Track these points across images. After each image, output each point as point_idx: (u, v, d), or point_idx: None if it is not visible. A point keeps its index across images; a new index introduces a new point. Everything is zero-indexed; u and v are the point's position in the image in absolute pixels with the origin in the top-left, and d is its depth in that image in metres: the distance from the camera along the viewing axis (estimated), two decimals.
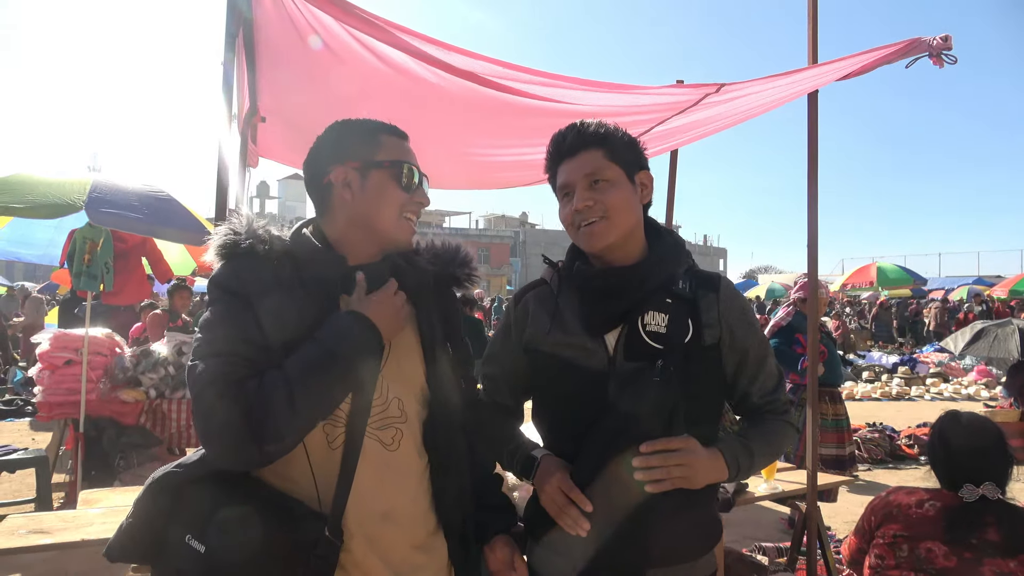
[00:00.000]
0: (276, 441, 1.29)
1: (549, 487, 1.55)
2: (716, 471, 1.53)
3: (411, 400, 1.51)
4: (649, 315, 1.57)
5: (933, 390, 12.34)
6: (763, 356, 1.67)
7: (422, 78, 2.73)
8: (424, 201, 1.57)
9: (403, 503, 1.47)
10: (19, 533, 2.78)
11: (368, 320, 1.40)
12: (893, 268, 20.54)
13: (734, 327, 1.61)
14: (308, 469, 1.39)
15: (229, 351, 1.32)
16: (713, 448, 1.53)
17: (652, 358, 1.53)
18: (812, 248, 3.36)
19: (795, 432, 1.73)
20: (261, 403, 1.27)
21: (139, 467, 5.34)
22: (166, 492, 1.40)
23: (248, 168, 3.87)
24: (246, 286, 1.38)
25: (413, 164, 1.55)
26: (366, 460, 1.41)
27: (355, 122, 1.58)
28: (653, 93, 2.97)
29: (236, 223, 1.46)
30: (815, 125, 3.26)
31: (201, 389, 1.29)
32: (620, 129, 1.67)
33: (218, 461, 1.34)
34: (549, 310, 1.66)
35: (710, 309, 1.60)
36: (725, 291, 1.63)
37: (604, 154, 1.60)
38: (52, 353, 5.30)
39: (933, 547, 2.15)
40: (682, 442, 1.48)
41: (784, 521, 5.28)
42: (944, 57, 2.71)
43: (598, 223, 1.58)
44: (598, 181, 1.59)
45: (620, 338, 1.58)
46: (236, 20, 2.56)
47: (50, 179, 5.05)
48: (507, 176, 4.26)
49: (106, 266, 5.38)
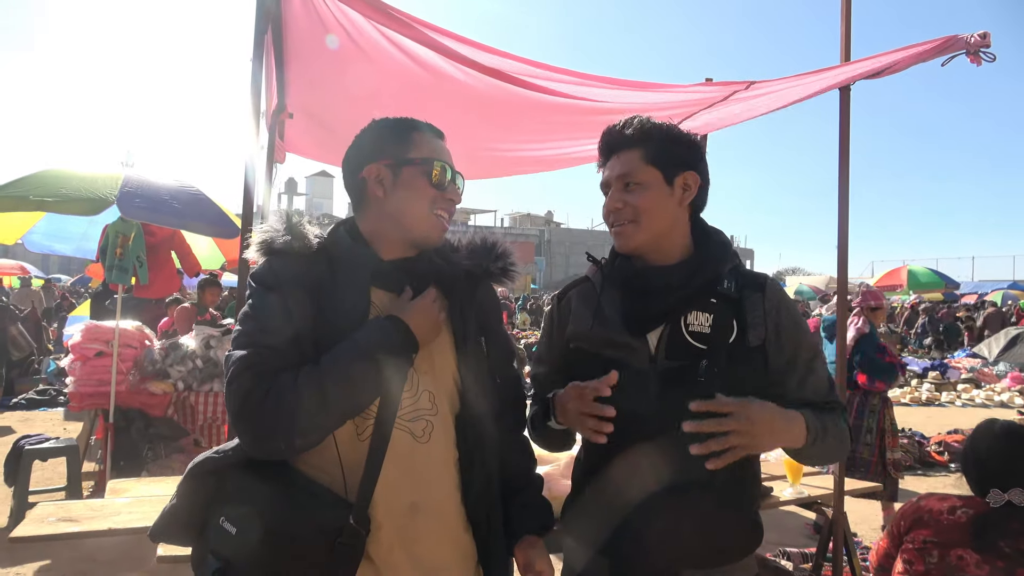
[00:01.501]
0: (304, 436, 1.34)
1: (564, 397, 1.58)
2: (790, 433, 1.46)
3: (442, 394, 1.52)
4: (692, 315, 1.56)
5: (964, 396, 12.09)
6: (812, 357, 1.61)
7: (447, 74, 2.74)
8: (455, 198, 1.58)
9: (433, 495, 1.48)
10: (48, 521, 2.84)
11: (405, 326, 1.43)
12: (924, 271, 20.11)
13: (780, 327, 1.57)
14: (336, 459, 1.41)
15: (262, 343, 1.37)
16: (792, 411, 1.47)
17: (695, 358, 1.52)
18: (842, 247, 3.30)
19: (848, 439, 1.64)
20: (294, 398, 1.31)
21: (166, 458, 5.43)
22: (204, 476, 1.45)
23: (275, 164, 3.91)
24: (281, 281, 1.44)
25: (445, 162, 1.56)
26: (395, 452, 1.43)
27: (391, 120, 1.61)
28: (681, 91, 2.94)
29: (276, 221, 1.51)
30: (847, 122, 3.19)
31: (234, 378, 1.34)
32: (669, 127, 1.64)
33: (248, 449, 1.39)
34: (592, 307, 1.66)
35: (755, 309, 1.56)
36: (771, 291, 1.60)
37: (641, 155, 1.59)
38: (84, 344, 5.40)
39: (964, 555, 2.12)
40: (737, 405, 1.38)
41: (810, 527, 5.20)
42: (982, 55, 2.64)
43: (627, 226, 1.59)
44: (631, 184, 1.59)
45: (662, 337, 1.56)
46: (265, 17, 2.59)
47: (83, 173, 5.15)
48: (529, 168, 4.28)
49: (138, 260, 5.48)
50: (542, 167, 4.30)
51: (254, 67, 2.57)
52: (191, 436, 5.53)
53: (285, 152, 4.24)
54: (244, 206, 2.64)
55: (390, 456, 1.42)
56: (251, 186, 2.63)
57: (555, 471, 2.96)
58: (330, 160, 4.63)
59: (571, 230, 52.98)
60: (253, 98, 2.60)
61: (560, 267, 47.91)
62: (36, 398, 9.71)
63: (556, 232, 53.09)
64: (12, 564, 4.22)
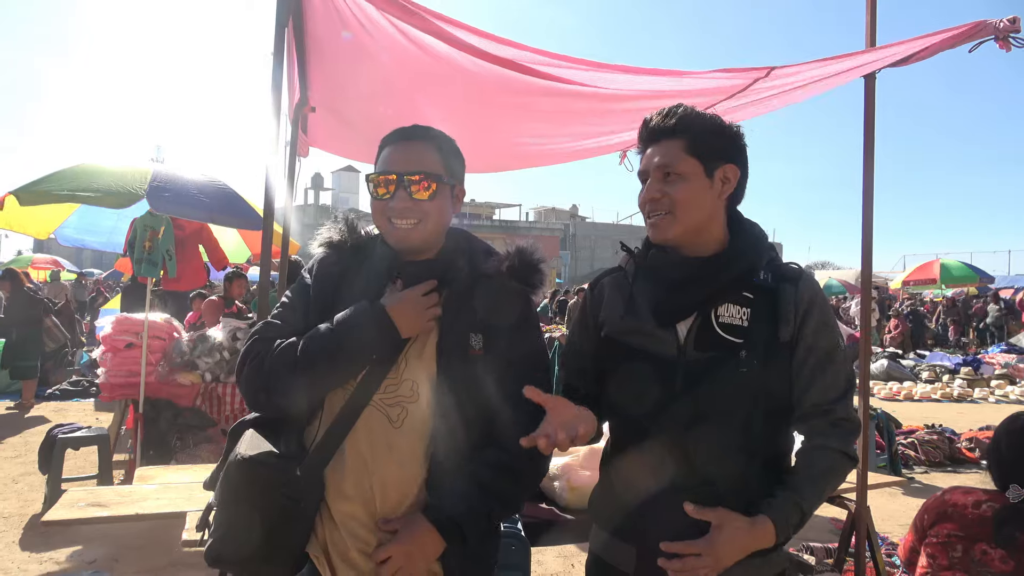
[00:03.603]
0: (282, 396, 1.52)
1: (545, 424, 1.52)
2: (760, 544, 1.47)
3: (424, 385, 1.57)
4: (724, 307, 1.55)
5: (998, 392, 11.81)
6: (826, 357, 1.56)
7: (463, 67, 2.74)
8: (397, 206, 1.57)
9: (398, 478, 1.53)
10: (79, 505, 2.92)
11: (384, 312, 1.52)
12: (957, 265, 19.70)
13: (807, 322, 1.55)
14: (316, 428, 1.58)
15: (280, 317, 1.62)
16: (762, 516, 1.46)
17: (726, 350, 1.52)
18: (866, 240, 3.25)
19: (852, 465, 1.58)
20: (271, 362, 1.52)
21: (194, 447, 5.54)
22: (235, 434, 1.61)
23: (299, 158, 3.95)
24: (315, 270, 1.66)
25: (385, 172, 1.59)
26: (369, 430, 1.54)
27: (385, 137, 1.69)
28: (700, 77, 2.90)
29: (337, 221, 1.71)
30: (872, 111, 3.14)
31: (246, 340, 1.60)
32: (712, 117, 1.62)
33: (247, 405, 1.61)
34: (624, 296, 1.66)
35: (787, 303, 1.55)
36: (804, 284, 1.57)
37: (684, 145, 1.57)
38: (114, 336, 5.53)
39: (989, 549, 2.10)
40: (701, 546, 1.44)
41: (837, 523, 5.14)
42: (1012, 41, 2.58)
43: (663, 217, 1.57)
44: (670, 174, 1.57)
45: (691, 329, 1.56)
46: (285, 12, 2.62)
47: (113, 169, 5.25)
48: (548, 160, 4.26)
49: (168, 253, 5.58)
50: (561, 159, 4.27)
51: (275, 62, 2.60)
52: (218, 426, 5.63)
53: (308, 146, 4.29)
54: (265, 203, 2.68)
55: (363, 434, 1.53)
56: (271, 181, 2.67)
57: (575, 462, 2.96)
58: (350, 154, 4.66)
59: (596, 224, 52.67)
60: (274, 93, 2.63)
61: (585, 261, 47.70)
62: (69, 389, 9.96)
63: (581, 226, 52.84)
64: (46, 549, 4.34)
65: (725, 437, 1.51)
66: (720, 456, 1.51)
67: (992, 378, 12.64)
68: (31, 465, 5.75)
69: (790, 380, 1.56)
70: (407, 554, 1.46)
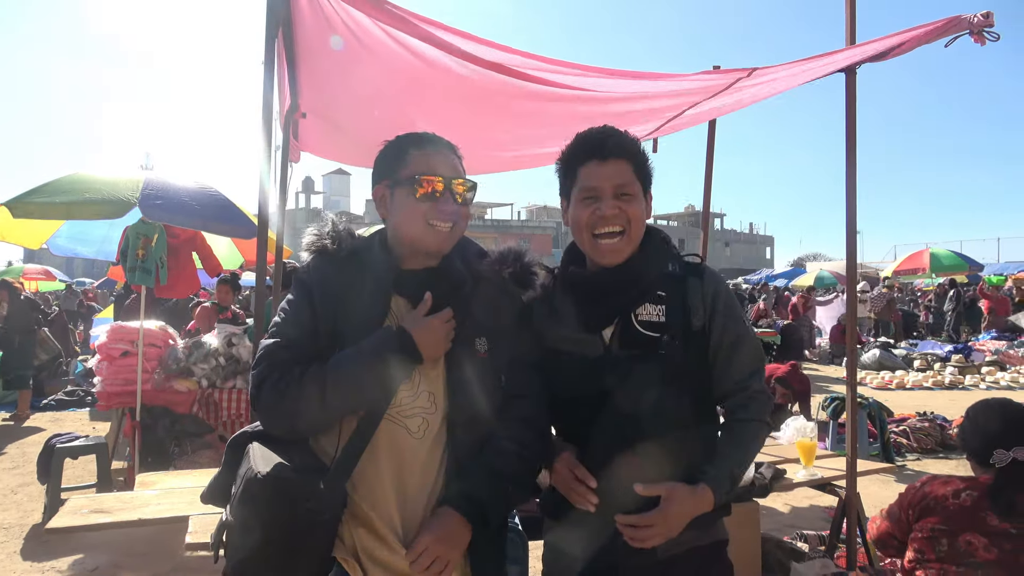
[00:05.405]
0: (308, 425, 1.57)
1: (558, 465, 1.70)
2: (702, 509, 1.63)
3: (441, 394, 1.62)
4: (642, 307, 1.70)
5: (989, 379, 11.91)
6: (739, 340, 1.73)
7: (452, 71, 2.78)
8: (447, 207, 1.62)
9: (420, 486, 1.58)
10: (81, 513, 2.95)
11: (411, 340, 1.55)
12: (947, 253, 19.79)
13: (715, 312, 1.72)
14: (336, 442, 1.57)
15: (284, 333, 1.60)
16: (702, 485, 1.63)
17: (647, 344, 1.66)
18: (850, 230, 3.32)
19: (768, 430, 1.81)
20: (297, 392, 1.52)
21: (192, 453, 5.56)
22: (237, 446, 1.61)
23: (291, 163, 3.98)
24: (313, 280, 1.64)
25: (433, 175, 1.62)
26: (390, 444, 1.57)
27: (398, 138, 1.71)
28: (684, 79, 2.96)
29: (324, 225, 1.69)
30: (853, 105, 3.21)
31: (256, 364, 1.59)
32: (642, 144, 1.79)
33: (262, 427, 1.60)
34: (547, 310, 1.78)
35: (695, 296, 1.72)
36: (708, 277, 1.75)
37: (632, 168, 1.72)
38: (109, 345, 5.54)
39: (973, 539, 2.14)
40: (654, 518, 1.59)
41: (830, 512, 5.20)
42: (986, 35, 2.64)
43: (620, 239, 1.69)
44: (625, 194, 1.69)
45: (615, 332, 1.71)
46: (274, 19, 2.65)
47: (105, 177, 5.26)
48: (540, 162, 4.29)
49: (160, 260, 5.59)
50: (553, 160, 4.30)
51: (265, 69, 2.64)
52: (216, 432, 5.65)
53: (300, 151, 4.31)
54: (260, 212, 2.72)
55: (383, 447, 1.56)
56: (265, 192, 2.71)
57: None
58: (342, 158, 4.69)
59: None
60: (265, 99, 2.66)
61: None
62: (65, 399, 9.93)
63: None
64: (48, 558, 4.36)
65: (658, 418, 1.64)
66: (656, 435, 1.64)
67: (983, 365, 12.76)
68: (29, 476, 5.76)
69: (708, 362, 1.74)
70: (439, 541, 1.51)
